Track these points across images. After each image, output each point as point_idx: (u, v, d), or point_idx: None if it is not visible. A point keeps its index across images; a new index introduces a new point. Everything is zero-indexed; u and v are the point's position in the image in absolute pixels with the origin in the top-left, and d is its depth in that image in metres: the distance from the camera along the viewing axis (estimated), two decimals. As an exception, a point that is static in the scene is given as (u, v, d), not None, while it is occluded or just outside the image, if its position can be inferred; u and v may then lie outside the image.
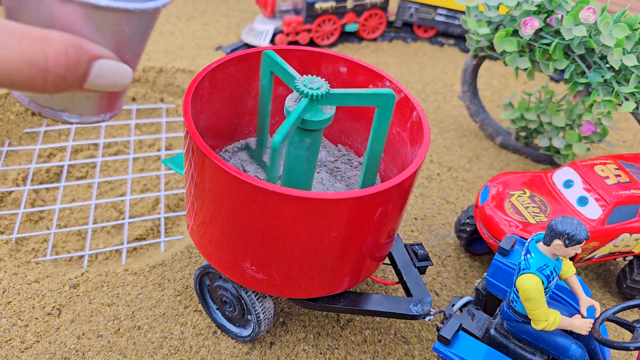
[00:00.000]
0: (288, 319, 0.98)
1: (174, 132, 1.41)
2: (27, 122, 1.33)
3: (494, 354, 0.76)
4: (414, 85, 1.73)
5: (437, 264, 1.13)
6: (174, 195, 1.23)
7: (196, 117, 0.78)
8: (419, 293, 0.86)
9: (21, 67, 0.41)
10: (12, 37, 0.41)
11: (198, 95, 0.78)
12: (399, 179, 0.67)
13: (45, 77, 0.43)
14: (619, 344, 0.66)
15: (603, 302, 1.12)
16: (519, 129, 1.45)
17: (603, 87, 1.13)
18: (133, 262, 1.07)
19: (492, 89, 1.79)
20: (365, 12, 1.87)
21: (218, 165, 0.64)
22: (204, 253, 0.80)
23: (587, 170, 1.07)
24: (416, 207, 1.26)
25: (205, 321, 0.95)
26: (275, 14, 1.80)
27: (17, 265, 1.01)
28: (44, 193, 1.21)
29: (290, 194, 0.62)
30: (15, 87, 0.42)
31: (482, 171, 1.41)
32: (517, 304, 0.73)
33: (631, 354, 1.02)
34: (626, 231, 1.02)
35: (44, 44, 0.42)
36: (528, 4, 1.15)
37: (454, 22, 1.95)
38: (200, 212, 0.74)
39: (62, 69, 0.43)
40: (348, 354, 0.94)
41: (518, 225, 0.99)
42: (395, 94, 0.85)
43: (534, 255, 0.69)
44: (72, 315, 0.93)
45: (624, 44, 1.06)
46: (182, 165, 0.95)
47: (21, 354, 0.87)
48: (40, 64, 0.42)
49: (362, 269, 0.79)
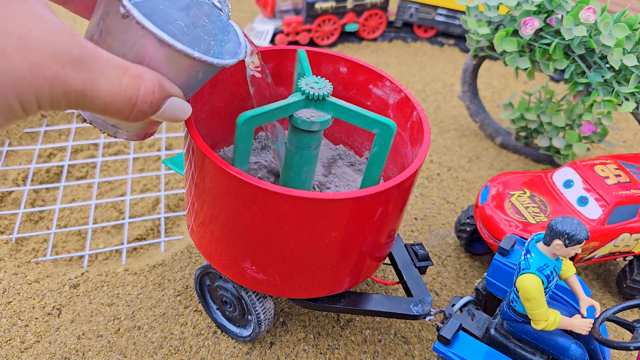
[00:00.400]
0: (288, 318, 0.98)
1: (174, 132, 1.41)
2: (27, 122, 1.33)
3: (494, 354, 0.76)
4: (414, 85, 1.73)
5: (437, 264, 1.13)
6: (174, 195, 1.23)
7: (196, 117, 0.78)
8: (420, 293, 0.86)
9: (118, 100, 0.46)
10: (115, 71, 0.45)
11: (198, 95, 0.78)
12: (399, 179, 0.67)
13: (132, 111, 0.48)
14: (619, 343, 0.66)
15: (603, 302, 1.12)
16: (519, 129, 1.45)
17: (603, 87, 1.13)
18: (133, 262, 1.07)
19: (492, 89, 1.79)
20: (365, 12, 1.87)
21: (218, 165, 0.64)
22: (204, 253, 0.80)
23: (587, 170, 1.07)
24: (416, 207, 1.26)
25: (205, 321, 0.95)
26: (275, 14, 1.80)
27: (17, 265, 1.01)
28: (44, 193, 1.21)
29: (290, 194, 0.62)
30: (104, 114, 0.47)
31: (482, 171, 1.41)
32: (517, 304, 0.73)
33: (631, 354, 1.02)
34: (626, 231, 1.02)
35: (139, 81, 0.48)
36: (528, 4, 1.15)
37: (454, 22, 1.95)
38: (200, 212, 0.74)
39: (147, 105, 0.49)
40: (348, 353, 0.94)
41: (518, 225, 0.99)
42: (396, 94, 0.85)
43: (534, 255, 0.69)
44: (72, 315, 0.93)
45: (624, 44, 1.06)
46: (182, 165, 0.95)
47: (21, 353, 0.87)
48: (133, 99, 0.47)
49: (363, 269, 0.79)
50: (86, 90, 0.43)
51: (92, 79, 0.43)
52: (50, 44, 0.40)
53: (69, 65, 0.41)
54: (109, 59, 0.45)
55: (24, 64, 0.39)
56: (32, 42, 0.39)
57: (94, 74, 0.43)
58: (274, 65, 0.87)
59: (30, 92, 0.40)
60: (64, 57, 0.41)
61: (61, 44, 0.41)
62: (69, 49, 0.41)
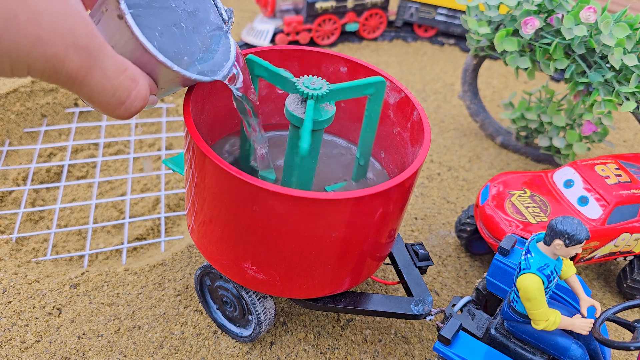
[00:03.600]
0: (288, 318, 0.98)
1: (174, 132, 1.41)
2: (27, 122, 1.33)
3: (494, 354, 0.76)
4: (414, 84, 1.73)
5: (438, 264, 1.13)
6: (174, 195, 1.23)
7: (196, 117, 0.78)
8: (420, 293, 0.86)
9: (107, 94, 0.48)
10: (115, 68, 0.47)
11: (198, 95, 0.78)
12: (400, 179, 0.67)
13: (117, 109, 0.50)
14: (619, 343, 0.66)
15: (603, 302, 1.12)
16: (520, 129, 1.44)
17: (603, 86, 1.13)
18: (133, 262, 1.07)
19: (492, 88, 1.79)
20: (365, 12, 1.87)
21: (218, 165, 0.64)
22: (205, 253, 0.80)
23: (587, 170, 1.07)
24: (416, 207, 1.26)
25: (205, 321, 0.95)
26: (276, 13, 1.80)
27: (17, 265, 1.01)
28: (44, 193, 1.21)
29: (291, 194, 0.62)
30: (89, 102, 0.48)
31: (483, 171, 1.41)
32: (518, 304, 0.73)
33: (631, 354, 1.02)
34: (626, 231, 1.02)
35: (132, 85, 0.50)
36: (528, 4, 1.15)
37: (454, 22, 1.95)
38: (200, 211, 0.74)
39: (134, 108, 0.51)
40: (348, 353, 0.94)
41: (518, 225, 0.99)
42: (396, 94, 0.85)
43: (534, 255, 0.69)
44: (72, 315, 0.93)
45: (625, 43, 1.06)
46: (183, 165, 0.95)
47: (21, 353, 0.87)
48: (121, 100, 0.49)
49: (363, 269, 0.79)
50: (79, 75, 0.44)
51: (88, 67, 0.44)
52: (61, 25, 0.41)
53: (72, 49, 0.42)
54: (113, 55, 0.47)
55: (29, 37, 0.40)
56: (45, 19, 0.40)
57: (93, 64, 0.45)
58: (274, 65, 0.87)
59: (25, 61, 0.41)
60: (69, 40, 0.42)
61: (72, 28, 0.42)
62: (77, 34, 0.42)
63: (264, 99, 0.92)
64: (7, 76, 0.43)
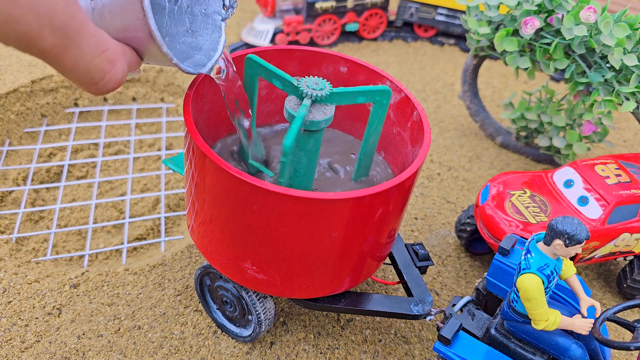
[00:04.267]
0: (288, 318, 0.98)
1: (174, 132, 1.41)
2: (27, 122, 1.33)
3: (494, 354, 0.76)
4: (414, 84, 1.73)
5: (438, 264, 1.13)
6: (174, 194, 1.23)
7: (196, 117, 0.78)
8: (420, 293, 0.86)
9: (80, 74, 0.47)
10: (93, 49, 0.47)
11: (198, 94, 0.78)
12: (400, 179, 0.67)
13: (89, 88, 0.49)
14: (619, 343, 0.66)
15: (603, 302, 1.12)
16: (520, 129, 1.44)
17: (603, 86, 1.13)
18: (133, 262, 1.07)
19: (492, 88, 1.79)
20: (365, 12, 1.87)
21: (218, 165, 0.64)
22: (205, 253, 0.80)
23: (587, 170, 1.07)
24: (416, 207, 1.26)
25: (205, 321, 0.95)
26: (276, 13, 1.80)
27: (17, 265, 1.01)
28: (44, 193, 1.21)
29: (291, 194, 0.62)
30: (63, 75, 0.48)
31: (483, 171, 1.41)
32: (518, 304, 0.73)
33: (631, 354, 1.02)
34: (627, 231, 1.02)
35: (108, 67, 0.49)
36: (528, 4, 1.15)
37: (454, 22, 1.95)
38: (200, 211, 0.74)
39: (106, 89, 0.50)
40: (348, 353, 0.94)
41: (518, 225, 0.99)
42: (396, 94, 0.85)
43: (534, 255, 0.69)
44: (72, 315, 0.93)
45: (625, 43, 1.06)
46: (183, 165, 0.95)
47: (21, 353, 0.87)
48: (94, 81, 0.49)
49: (363, 269, 0.79)
50: (51, 54, 0.44)
51: (63, 47, 0.44)
52: (38, 5, 0.41)
53: (47, 28, 0.42)
54: (94, 35, 0.47)
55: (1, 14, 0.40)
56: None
57: (69, 43, 0.45)
58: (274, 65, 0.87)
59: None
60: (45, 20, 0.42)
61: (49, 8, 0.42)
62: (54, 15, 0.42)
63: (264, 99, 0.92)
64: None
